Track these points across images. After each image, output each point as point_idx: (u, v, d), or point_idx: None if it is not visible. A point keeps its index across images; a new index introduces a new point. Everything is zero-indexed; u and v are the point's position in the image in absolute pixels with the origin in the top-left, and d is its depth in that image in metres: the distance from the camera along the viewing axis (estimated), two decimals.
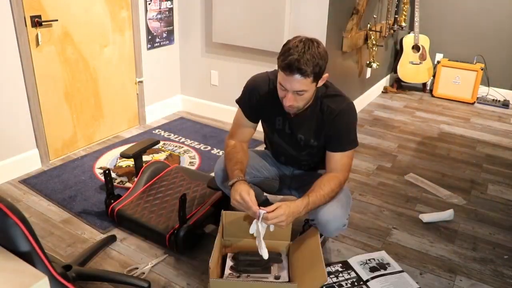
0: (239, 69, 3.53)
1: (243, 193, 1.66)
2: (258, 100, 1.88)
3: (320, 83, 1.72)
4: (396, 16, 4.42)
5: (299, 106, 1.74)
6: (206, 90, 3.85)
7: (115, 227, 2.31)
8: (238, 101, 1.96)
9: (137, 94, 3.56)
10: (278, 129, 1.93)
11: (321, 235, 1.88)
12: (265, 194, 2.16)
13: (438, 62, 4.77)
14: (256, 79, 1.91)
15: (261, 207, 1.66)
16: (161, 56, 3.70)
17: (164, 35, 3.65)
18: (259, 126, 2.02)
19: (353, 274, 2.03)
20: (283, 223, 1.64)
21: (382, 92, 4.87)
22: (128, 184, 2.74)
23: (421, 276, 2.05)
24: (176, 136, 3.49)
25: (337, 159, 1.81)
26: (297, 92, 1.65)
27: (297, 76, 1.60)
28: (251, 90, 1.90)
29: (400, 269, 2.07)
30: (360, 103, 4.23)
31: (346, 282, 1.98)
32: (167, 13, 3.61)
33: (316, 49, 1.62)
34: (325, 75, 1.71)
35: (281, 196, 2.37)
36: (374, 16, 3.95)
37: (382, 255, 2.16)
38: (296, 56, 1.58)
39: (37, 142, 2.87)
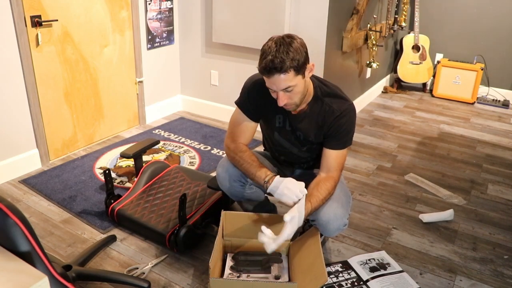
0: (239, 69, 3.53)
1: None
2: (257, 99, 1.89)
3: (308, 74, 1.73)
4: (396, 16, 4.42)
5: (295, 102, 1.74)
6: (206, 90, 3.85)
7: (115, 227, 2.31)
8: (237, 103, 1.95)
9: (137, 94, 3.56)
10: (279, 127, 1.94)
11: (321, 235, 1.88)
12: (265, 195, 2.16)
13: (438, 62, 4.76)
14: (254, 78, 1.92)
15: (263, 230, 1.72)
16: (161, 56, 3.70)
17: (164, 35, 3.65)
18: (258, 127, 2.03)
19: (353, 274, 2.03)
20: (291, 236, 1.70)
21: (382, 92, 4.87)
22: (128, 184, 2.74)
23: (421, 276, 2.05)
24: (176, 136, 3.49)
25: (334, 157, 1.84)
26: (285, 89, 1.67)
27: (277, 75, 1.63)
28: (249, 89, 1.91)
29: (400, 269, 2.07)
30: (360, 103, 4.23)
31: (346, 282, 1.98)
32: (167, 13, 3.61)
33: (288, 45, 1.63)
34: (310, 65, 1.72)
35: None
36: (374, 16, 3.95)
37: (382, 255, 2.16)
38: (270, 57, 1.61)
39: (37, 142, 2.87)
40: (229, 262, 1.94)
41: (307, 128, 1.87)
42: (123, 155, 2.49)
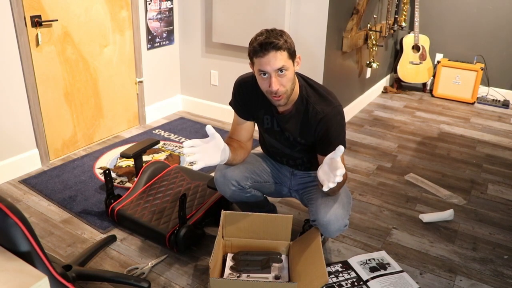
0: (239, 69, 3.52)
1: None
2: (244, 98, 1.91)
3: (296, 66, 1.74)
4: (396, 16, 4.42)
5: (287, 89, 1.71)
6: (206, 90, 3.85)
7: (115, 227, 2.31)
8: (230, 103, 1.99)
9: (137, 94, 3.56)
10: (267, 128, 1.95)
11: (321, 235, 1.88)
12: (264, 195, 2.16)
13: (438, 62, 4.76)
14: (241, 78, 1.94)
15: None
16: (161, 56, 3.70)
17: (164, 35, 3.65)
18: (256, 127, 2.03)
19: (353, 274, 2.03)
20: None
21: (382, 92, 4.87)
22: (128, 184, 2.74)
23: (421, 276, 2.05)
24: (176, 136, 3.49)
25: None
26: (279, 70, 1.65)
27: (273, 52, 1.63)
28: (237, 88, 1.93)
29: (400, 269, 2.07)
30: (360, 103, 4.23)
31: (346, 282, 1.98)
32: (167, 13, 3.61)
33: (280, 31, 1.68)
34: (298, 56, 1.74)
35: (280, 198, 2.37)
36: (374, 16, 3.94)
37: (382, 255, 2.16)
38: (264, 37, 1.65)
39: (37, 142, 2.87)
40: (229, 262, 1.94)
41: (294, 128, 1.87)
42: (123, 155, 2.49)
